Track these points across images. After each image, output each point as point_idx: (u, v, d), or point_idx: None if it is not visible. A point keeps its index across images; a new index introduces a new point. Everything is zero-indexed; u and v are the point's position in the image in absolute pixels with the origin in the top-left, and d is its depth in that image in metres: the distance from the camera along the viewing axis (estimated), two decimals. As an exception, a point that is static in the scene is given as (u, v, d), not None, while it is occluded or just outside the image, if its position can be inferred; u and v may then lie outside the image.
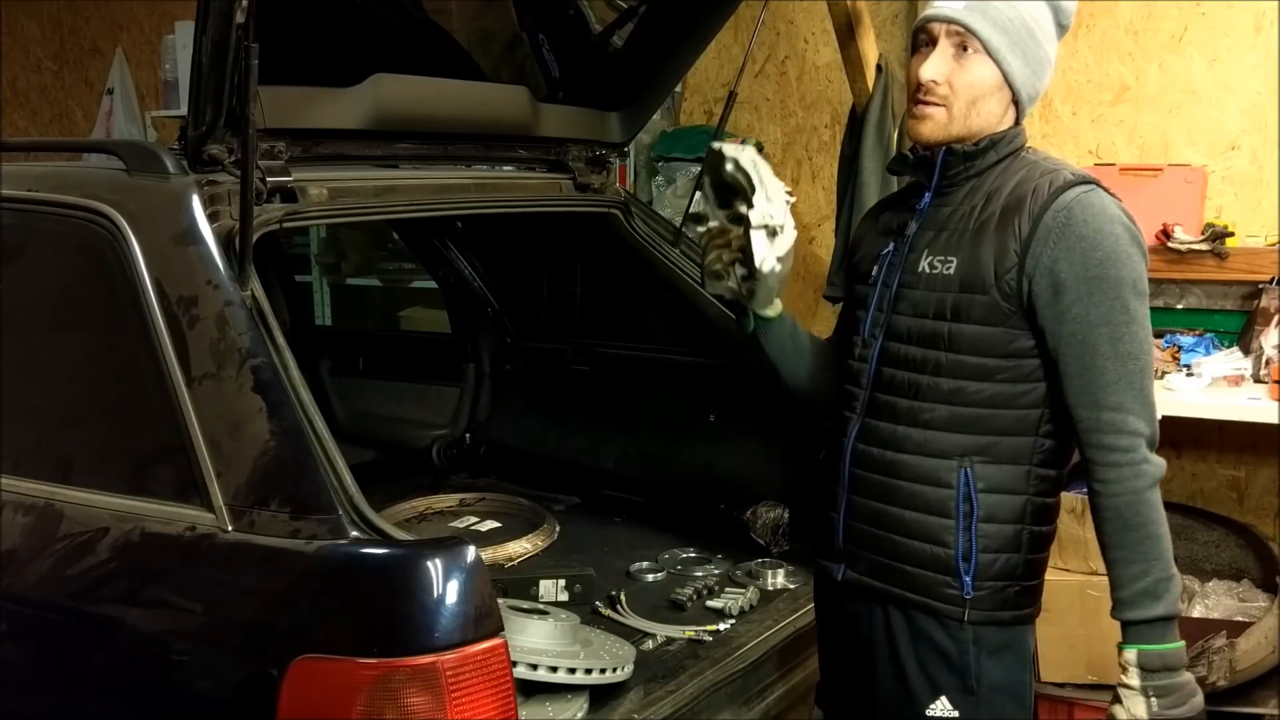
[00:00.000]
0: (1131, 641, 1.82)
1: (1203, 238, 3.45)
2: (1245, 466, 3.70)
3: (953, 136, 1.90)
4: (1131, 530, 1.81)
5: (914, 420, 1.90)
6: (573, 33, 2.85)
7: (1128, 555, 1.81)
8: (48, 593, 1.90)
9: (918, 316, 1.91)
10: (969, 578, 1.88)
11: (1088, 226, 1.80)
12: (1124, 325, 1.80)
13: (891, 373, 1.94)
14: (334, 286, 5.03)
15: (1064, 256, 1.80)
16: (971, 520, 1.88)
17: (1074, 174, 1.86)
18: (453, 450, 3.56)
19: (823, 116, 4.28)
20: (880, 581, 1.97)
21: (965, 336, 1.86)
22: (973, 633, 1.90)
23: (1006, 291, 1.83)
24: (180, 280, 1.86)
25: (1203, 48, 3.62)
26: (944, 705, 1.92)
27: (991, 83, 1.87)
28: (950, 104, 1.87)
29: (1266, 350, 3.27)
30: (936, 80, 1.86)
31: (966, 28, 1.85)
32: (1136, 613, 1.81)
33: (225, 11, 1.76)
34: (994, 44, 1.85)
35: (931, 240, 1.93)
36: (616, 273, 3.17)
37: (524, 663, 1.97)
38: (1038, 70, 1.90)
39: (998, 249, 1.83)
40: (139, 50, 5.66)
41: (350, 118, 2.33)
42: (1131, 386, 1.80)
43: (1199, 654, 3.21)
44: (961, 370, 1.87)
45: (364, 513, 1.68)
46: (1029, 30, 1.87)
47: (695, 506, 3.02)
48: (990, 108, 1.89)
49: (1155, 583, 1.81)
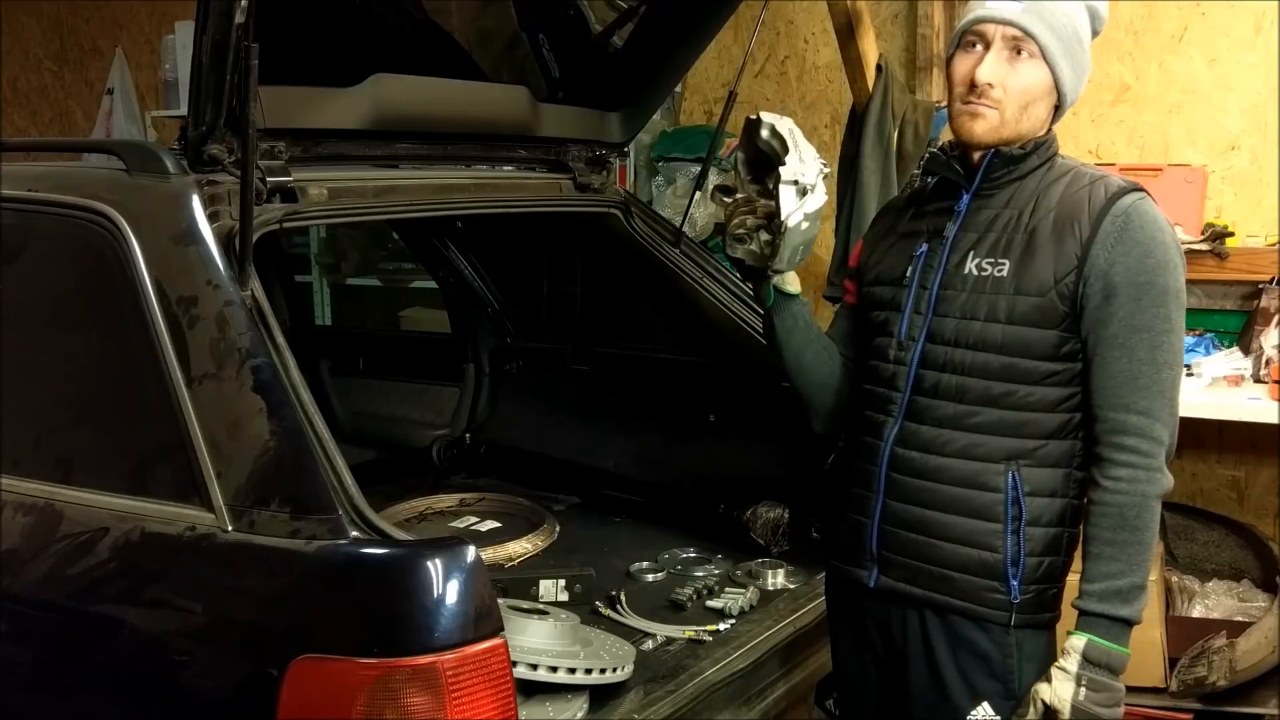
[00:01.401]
0: (1086, 630, 1.83)
1: (1203, 238, 3.46)
2: (1245, 466, 3.70)
3: (1003, 139, 1.89)
4: (1126, 531, 1.81)
5: (959, 424, 1.89)
6: (573, 33, 2.85)
7: (1114, 554, 1.82)
8: (48, 593, 1.90)
9: (965, 319, 1.89)
10: (1016, 582, 1.88)
11: (1144, 233, 1.82)
12: (1164, 334, 1.82)
13: (936, 376, 1.92)
14: (334, 286, 5.04)
15: (1120, 260, 1.81)
16: (1019, 524, 1.87)
17: (1124, 180, 1.89)
18: (453, 450, 3.56)
19: (823, 116, 4.28)
20: (919, 588, 1.94)
21: (1019, 339, 1.86)
22: (1015, 637, 1.90)
23: (1064, 294, 1.83)
24: (180, 280, 1.86)
25: (1203, 48, 3.63)
26: (985, 710, 1.91)
27: (1044, 87, 1.87)
28: (1003, 107, 1.87)
29: (1266, 350, 3.27)
30: (992, 83, 1.85)
31: (1026, 31, 1.84)
32: (1103, 608, 1.82)
33: (225, 11, 1.76)
34: (1051, 49, 1.85)
35: (977, 242, 1.91)
36: (616, 273, 3.17)
37: (524, 663, 1.97)
38: (1081, 76, 1.91)
39: (1056, 252, 1.84)
40: (139, 50, 5.66)
41: (350, 118, 2.33)
42: (1163, 394, 1.82)
43: (1199, 654, 3.22)
44: (1012, 373, 1.86)
45: (364, 513, 1.68)
46: (1077, 35, 1.88)
47: (695, 506, 3.01)
48: (1039, 112, 1.90)
49: (1131, 587, 1.81)
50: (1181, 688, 3.15)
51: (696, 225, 3.98)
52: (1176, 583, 3.49)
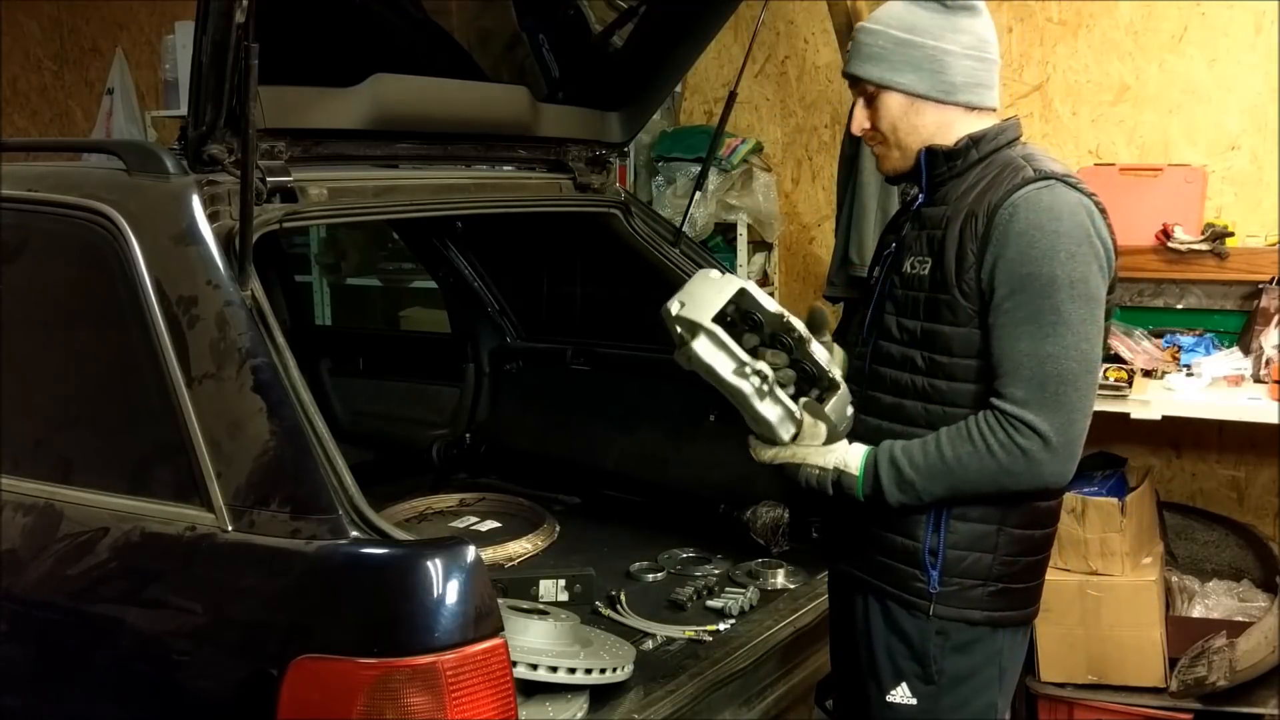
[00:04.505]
0: (869, 454, 1.89)
1: (1203, 238, 3.45)
2: (1245, 466, 3.70)
3: (908, 165, 1.97)
4: (955, 448, 1.83)
5: (893, 416, 1.94)
6: (573, 33, 2.85)
7: (934, 452, 1.85)
8: (48, 593, 1.90)
9: (900, 315, 1.94)
10: (935, 572, 1.91)
11: (1027, 223, 1.79)
12: (1050, 326, 1.79)
13: (879, 370, 1.98)
14: (334, 286, 5.03)
15: (1003, 253, 1.80)
16: (942, 516, 1.90)
17: (1038, 170, 1.85)
18: (453, 450, 3.56)
19: (823, 116, 4.28)
20: (861, 571, 2.02)
21: (938, 336, 1.89)
22: (938, 625, 1.93)
23: (966, 291, 1.84)
24: (180, 280, 1.86)
25: (1203, 48, 3.62)
26: (903, 691, 1.96)
27: (900, 106, 1.93)
28: (886, 143, 1.97)
29: (1266, 350, 3.27)
30: (863, 130, 1.98)
31: (855, 78, 1.95)
32: (887, 468, 1.86)
33: (225, 11, 1.76)
34: (875, 76, 1.92)
35: (914, 241, 1.95)
36: (616, 273, 3.17)
37: (524, 663, 1.97)
38: (936, 67, 1.90)
39: (959, 249, 1.85)
40: (139, 50, 5.65)
41: (350, 118, 2.33)
42: (1043, 388, 1.79)
43: (1199, 654, 3.22)
44: (936, 369, 1.89)
45: (364, 513, 1.68)
46: (902, 40, 1.90)
47: (695, 506, 3.02)
48: (915, 123, 1.93)
49: (913, 489, 1.86)
50: (1181, 688, 3.15)
51: (696, 225, 3.98)
52: (1176, 583, 3.49)
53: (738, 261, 4.09)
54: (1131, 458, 3.58)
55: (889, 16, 1.92)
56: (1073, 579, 3.16)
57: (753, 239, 4.16)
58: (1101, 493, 3.19)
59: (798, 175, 4.34)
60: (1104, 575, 3.15)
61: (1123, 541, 3.14)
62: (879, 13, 1.95)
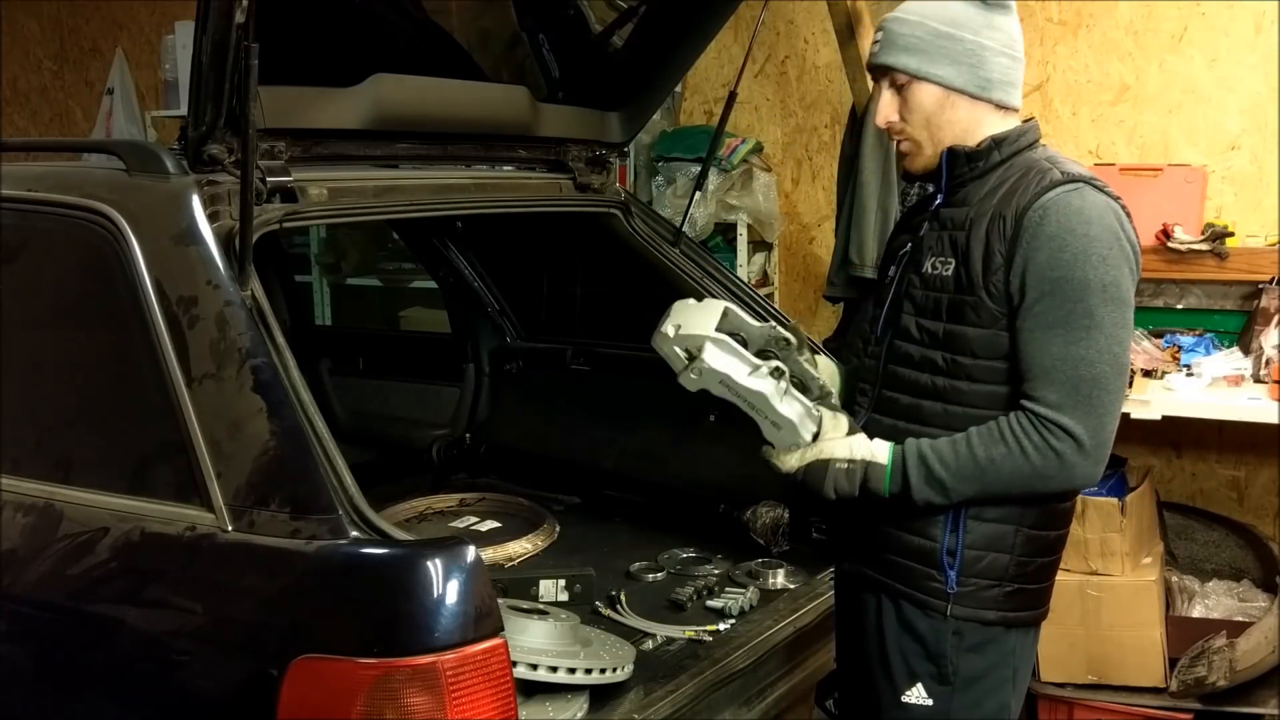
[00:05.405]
0: (895, 452, 1.88)
1: (1203, 238, 3.45)
2: (1245, 466, 3.70)
3: (936, 164, 1.95)
4: (987, 449, 1.82)
5: (911, 416, 1.93)
6: (573, 33, 2.85)
7: (965, 453, 1.84)
8: (48, 593, 1.90)
9: (920, 316, 1.93)
10: (953, 572, 1.91)
11: (1059, 226, 1.79)
12: (1083, 330, 1.78)
13: (896, 370, 1.97)
14: (334, 286, 5.03)
15: (1034, 256, 1.80)
16: (960, 516, 1.89)
17: (1065, 173, 1.85)
18: (453, 450, 3.56)
19: (823, 116, 4.28)
20: (873, 571, 2.01)
21: (961, 338, 1.88)
22: (954, 625, 1.92)
23: (994, 293, 1.84)
24: (180, 280, 1.86)
25: (1203, 48, 3.63)
26: (919, 691, 1.96)
27: (935, 100, 1.91)
28: (913, 137, 1.95)
29: (1266, 350, 3.27)
30: (890, 122, 1.95)
31: (887, 68, 1.92)
32: (916, 466, 1.85)
33: (225, 11, 1.76)
34: (913, 67, 1.89)
35: (935, 241, 1.94)
36: (616, 273, 3.17)
37: (524, 663, 1.96)
38: (975, 62, 1.89)
39: (985, 250, 1.84)
40: (139, 50, 5.65)
41: (350, 118, 2.33)
42: (1077, 391, 1.79)
43: (1199, 654, 3.22)
44: (958, 370, 1.89)
45: (364, 513, 1.68)
46: (942, 33, 1.88)
47: (695, 506, 3.01)
48: (950, 118, 1.92)
49: (941, 487, 1.85)
50: (1181, 688, 3.15)
51: (696, 225, 3.98)
52: (1176, 583, 3.49)
53: (738, 261, 4.09)
54: (1131, 458, 3.58)
55: (926, 9, 1.90)
56: (1073, 579, 3.16)
57: (753, 239, 4.16)
58: (1101, 493, 3.19)
59: (798, 175, 4.34)
60: (1104, 575, 3.15)
61: (1123, 541, 3.14)
62: (911, 5, 1.92)
